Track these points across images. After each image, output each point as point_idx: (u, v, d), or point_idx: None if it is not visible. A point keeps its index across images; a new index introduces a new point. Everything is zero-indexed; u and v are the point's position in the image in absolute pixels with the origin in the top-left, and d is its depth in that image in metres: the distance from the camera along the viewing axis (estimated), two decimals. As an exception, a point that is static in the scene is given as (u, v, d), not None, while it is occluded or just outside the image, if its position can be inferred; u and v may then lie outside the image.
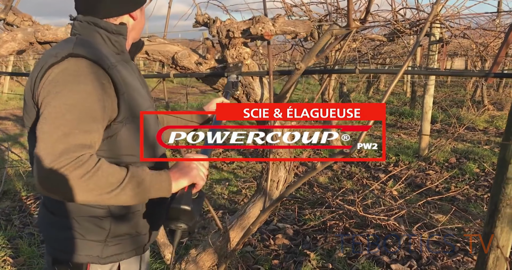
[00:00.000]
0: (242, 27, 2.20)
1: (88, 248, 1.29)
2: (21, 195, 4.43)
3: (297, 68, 2.16)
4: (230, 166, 5.68)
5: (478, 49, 5.83)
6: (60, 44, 1.26)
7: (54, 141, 1.07)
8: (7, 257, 3.05)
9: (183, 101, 11.03)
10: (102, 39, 1.31)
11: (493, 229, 1.96)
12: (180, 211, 1.21)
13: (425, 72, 3.90)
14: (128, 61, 1.40)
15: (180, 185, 1.25)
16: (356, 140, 1.43)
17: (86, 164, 1.08)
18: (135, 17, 1.39)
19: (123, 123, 1.25)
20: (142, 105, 1.33)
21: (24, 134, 7.56)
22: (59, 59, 1.17)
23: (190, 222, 1.24)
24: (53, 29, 2.51)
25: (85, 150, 1.10)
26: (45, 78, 1.16)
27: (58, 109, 1.11)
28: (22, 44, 2.53)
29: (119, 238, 1.32)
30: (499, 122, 8.18)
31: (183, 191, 1.25)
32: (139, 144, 1.31)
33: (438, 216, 3.84)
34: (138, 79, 1.42)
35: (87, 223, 1.28)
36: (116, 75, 1.22)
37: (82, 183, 1.07)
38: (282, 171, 2.44)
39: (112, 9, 1.32)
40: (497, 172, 1.91)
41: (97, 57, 1.20)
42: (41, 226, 1.39)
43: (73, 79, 1.14)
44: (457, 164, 5.61)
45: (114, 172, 1.12)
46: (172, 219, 1.24)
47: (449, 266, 2.92)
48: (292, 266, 2.95)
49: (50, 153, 1.06)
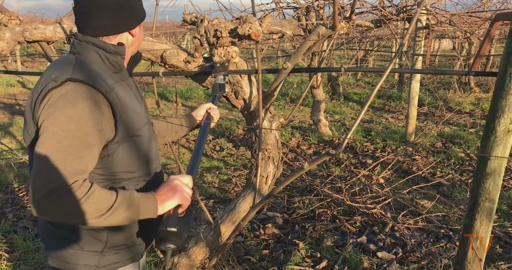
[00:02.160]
0: (229, 26, 2.23)
1: (86, 258, 1.35)
2: (13, 187, 4.46)
3: (284, 68, 2.20)
4: (220, 153, 5.74)
5: (465, 34, 5.90)
6: (59, 66, 1.28)
7: (50, 167, 1.12)
8: (2, 252, 3.10)
9: (172, 86, 11.00)
10: (101, 58, 1.34)
11: (473, 222, 2.05)
12: (167, 233, 1.29)
13: (410, 71, 3.96)
14: (126, 78, 1.43)
15: (166, 208, 1.32)
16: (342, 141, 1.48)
17: (79, 191, 1.13)
18: (134, 34, 1.41)
19: (119, 142, 1.30)
20: (139, 123, 1.37)
21: (13, 123, 7.52)
22: (58, 84, 1.20)
23: (178, 242, 1.31)
24: (41, 28, 2.52)
25: (78, 176, 1.15)
26: (45, 102, 1.20)
27: (56, 135, 1.15)
28: (10, 43, 2.53)
29: (116, 249, 1.39)
30: (485, 104, 8.30)
31: (169, 213, 1.32)
32: (134, 161, 1.37)
33: (423, 202, 3.95)
34: (136, 95, 1.45)
35: (85, 235, 1.34)
36: (113, 98, 1.26)
37: (74, 209, 1.13)
38: (271, 166, 2.51)
39: (111, 27, 1.34)
40: (477, 168, 1.99)
41: (95, 81, 1.24)
42: (41, 235, 1.44)
43: (71, 105, 1.18)
44: (443, 148, 5.73)
45: (104, 198, 1.18)
46: (161, 241, 1.31)
47: (433, 253, 3.04)
48: (281, 255, 3.04)
49: (47, 177, 1.12)
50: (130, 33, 1.40)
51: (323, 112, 6.41)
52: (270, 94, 2.37)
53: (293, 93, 9.56)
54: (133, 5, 1.38)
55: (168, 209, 1.32)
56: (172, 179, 1.38)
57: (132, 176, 1.37)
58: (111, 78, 1.32)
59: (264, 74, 2.45)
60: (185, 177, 1.41)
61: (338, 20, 2.02)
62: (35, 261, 3.01)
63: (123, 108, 1.29)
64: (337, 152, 1.55)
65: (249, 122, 2.50)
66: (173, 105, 9.11)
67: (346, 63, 11.74)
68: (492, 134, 1.85)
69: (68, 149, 1.15)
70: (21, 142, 6.30)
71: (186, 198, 1.36)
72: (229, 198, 4.17)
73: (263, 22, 2.20)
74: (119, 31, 1.37)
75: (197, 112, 1.95)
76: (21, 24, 2.67)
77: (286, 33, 2.22)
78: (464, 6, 8.30)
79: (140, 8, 1.42)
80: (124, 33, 1.38)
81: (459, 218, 3.59)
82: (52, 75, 1.24)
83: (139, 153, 1.38)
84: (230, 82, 2.38)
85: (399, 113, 8.09)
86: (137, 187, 1.40)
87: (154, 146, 1.50)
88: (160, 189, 1.35)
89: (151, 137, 1.48)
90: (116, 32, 1.36)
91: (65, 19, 2.54)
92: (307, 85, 2.77)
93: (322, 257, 3.04)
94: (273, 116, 2.50)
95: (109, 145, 1.28)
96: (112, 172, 1.32)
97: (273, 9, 5.55)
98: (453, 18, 4.83)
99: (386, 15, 5.13)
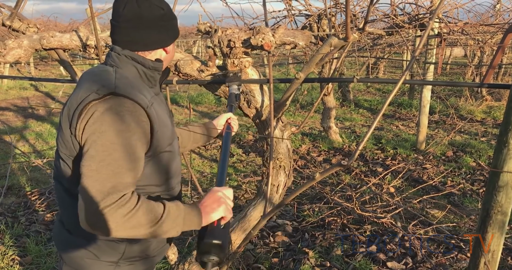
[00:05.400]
0: (242, 37, 2.25)
1: (101, 268, 1.37)
2: (25, 191, 4.51)
3: (296, 78, 2.22)
4: (231, 159, 5.76)
5: (477, 43, 5.88)
6: (99, 78, 1.30)
7: (103, 180, 1.14)
8: (15, 256, 3.14)
9: (183, 91, 11.06)
10: (139, 73, 1.37)
11: (484, 234, 2.04)
12: (212, 245, 1.30)
13: (422, 82, 3.95)
14: (159, 93, 1.47)
15: (210, 219, 1.33)
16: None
17: (129, 203, 1.16)
18: (168, 51, 1.44)
19: (150, 157, 1.33)
20: (170, 139, 1.41)
21: (26, 126, 7.61)
22: (100, 97, 1.22)
23: (221, 254, 1.32)
24: (58, 36, 2.56)
25: (128, 189, 1.18)
26: (89, 115, 1.21)
27: (105, 148, 1.17)
28: (28, 50, 2.58)
29: (131, 260, 1.41)
30: (496, 113, 8.24)
31: (213, 225, 1.33)
32: (161, 175, 1.40)
33: (434, 212, 3.94)
34: (166, 110, 1.48)
35: (103, 245, 1.36)
36: (153, 113, 1.29)
37: (125, 222, 1.15)
38: (282, 175, 2.52)
39: (151, 43, 1.37)
40: (489, 180, 1.98)
41: (137, 96, 1.27)
42: (57, 242, 1.46)
43: (118, 118, 1.20)
44: (454, 157, 5.70)
45: (152, 210, 1.20)
46: (204, 253, 1.32)
47: (443, 264, 3.03)
48: (291, 264, 3.05)
49: (99, 190, 1.14)
50: (165, 50, 1.43)
51: (333, 119, 6.41)
52: (282, 104, 2.38)
53: (304, 100, 9.57)
54: (171, 23, 1.41)
55: (212, 221, 1.33)
56: (215, 191, 1.39)
57: (157, 190, 1.40)
58: (148, 93, 1.35)
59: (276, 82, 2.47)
60: (227, 190, 1.43)
61: (350, 31, 2.04)
62: (47, 265, 3.05)
63: (159, 123, 1.32)
64: (348, 164, 1.56)
65: (260, 130, 2.52)
66: (184, 110, 9.16)
67: (357, 70, 11.73)
68: (505, 147, 1.84)
69: (119, 162, 1.18)
70: (33, 146, 6.38)
71: (230, 211, 1.38)
72: (239, 204, 4.18)
73: (276, 33, 2.22)
74: (157, 47, 1.40)
75: (217, 121, 1.96)
76: (38, 31, 2.72)
77: (298, 44, 2.24)
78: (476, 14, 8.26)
79: (176, 26, 1.45)
80: (160, 49, 1.41)
81: (470, 228, 3.57)
82: (93, 87, 1.25)
83: (166, 168, 1.41)
84: (243, 91, 2.40)
85: (409, 120, 8.05)
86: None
87: (179, 161, 1.53)
88: (204, 200, 1.36)
89: (178, 152, 1.51)
90: (154, 48, 1.39)
91: (81, 27, 2.59)
92: (318, 92, 2.78)
93: (331, 266, 3.04)
94: (285, 125, 2.52)
95: None
96: (139, 185, 1.33)
97: (284, 17, 5.57)
98: (466, 27, 4.81)
99: (398, 23, 5.13)
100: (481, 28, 5.30)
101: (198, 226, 1.31)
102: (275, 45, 2.23)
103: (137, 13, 1.31)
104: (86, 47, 2.53)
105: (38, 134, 6.99)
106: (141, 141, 1.24)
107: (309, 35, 2.27)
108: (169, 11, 1.40)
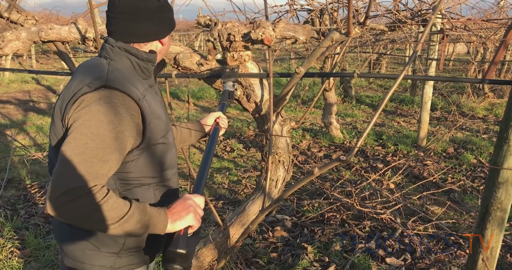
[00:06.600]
0: (243, 31, 2.23)
1: (102, 259, 1.37)
2: (25, 184, 4.51)
3: (296, 72, 2.21)
4: (231, 154, 5.75)
5: (480, 39, 5.85)
6: (92, 70, 1.30)
7: (73, 167, 1.14)
8: (14, 249, 3.14)
9: (184, 86, 11.04)
10: (132, 65, 1.37)
11: (483, 231, 2.03)
12: (176, 254, 1.28)
13: (423, 78, 3.93)
14: (153, 85, 1.46)
15: (176, 227, 1.30)
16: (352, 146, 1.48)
17: (96, 195, 1.15)
18: (164, 42, 1.44)
19: (144, 149, 1.33)
20: (164, 130, 1.40)
21: (27, 119, 7.61)
22: (92, 89, 1.23)
23: (185, 264, 1.30)
24: (56, 28, 2.55)
25: (98, 180, 1.17)
26: (78, 104, 1.22)
27: (83, 137, 1.17)
28: (26, 43, 2.56)
29: (132, 251, 1.41)
30: (498, 110, 8.21)
31: (179, 234, 1.31)
32: (156, 167, 1.39)
33: (433, 208, 3.93)
34: (160, 102, 1.47)
35: (103, 236, 1.35)
36: (145, 106, 1.29)
37: (88, 212, 1.15)
38: (281, 170, 2.51)
39: (146, 35, 1.37)
40: (489, 177, 1.97)
41: (129, 89, 1.27)
42: (57, 234, 1.46)
43: (104, 110, 1.20)
44: (455, 154, 5.68)
45: (118, 207, 1.19)
46: (169, 261, 1.29)
47: (442, 260, 3.02)
48: (290, 259, 3.04)
49: (67, 177, 1.14)
50: (160, 42, 1.43)
51: (334, 115, 6.40)
52: (282, 98, 2.37)
53: (305, 95, 9.55)
54: (167, 15, 1.41)
55: (178, 229, 1.31)
56: (186, 198, 1.37)
57: (152, 182, 1.40)
58: (141, 85, 1.35)
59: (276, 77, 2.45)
60: (198, 198, 1.40)
61: (352, 26, 2.02)
62: (46, 258, 3.05)
63: (152, 115, 1.32)
64: (347, 159, 1.55)
65: (260, 125, 2.50)
66: (185, 104, 9.15)
67: (359, 65, 11.69)
68: (505, 143, 1.83)
69: (93, 152, 1.17)
70: (34, 139, 6.38)
71: (198, 220, 1.35)
72: (239, 199, 4.18)
73: (276, 27, 2.21)
74: (152, 39, 1.39)
75: (205, 120, 1.94)
76: (36, 24, 2.71)
77: (299, 38, 2.22)
78: (480, 10, 8.19)
79: (172, 18, 1.45)
80: (155, 41, 1.41)
81: (469, 225, 3.56)
82: (85, 80, 1.26)
83: (161, 160, 1.41)
84: (242, 85, 2.38)
85: (411, 117, 8.03)
86: (156, 192, 1.42)
87: (174, 152, 1.52)
88: (174, 207, 1.33)
89: (172, 143, 1.50)
90: (149, 39, 1.39)
91: (80, 19, 2.57)
92: (319, 88, 2.77)
93: (330, 262, 3.03)
94: (284, 120, 2.50)
95: (134, 151, 1.31)
96: (134, 177, 1.34)
97: (286, 11, 5.54)
98: (468, 23, 4.78)
99: (400, 19, 5.10)
100: (484, 24, 5.27)
101: (162, 231, 1.28)
102: (275, 39, 2.21)
103: (133, 5, 1.30)
104: (85, 39, 2.51)
105: (38, 128, 6.99)
106: (125, 133, 1.23)
107: (310, 30, 2.25)
108: (165, 3, 1.39)
